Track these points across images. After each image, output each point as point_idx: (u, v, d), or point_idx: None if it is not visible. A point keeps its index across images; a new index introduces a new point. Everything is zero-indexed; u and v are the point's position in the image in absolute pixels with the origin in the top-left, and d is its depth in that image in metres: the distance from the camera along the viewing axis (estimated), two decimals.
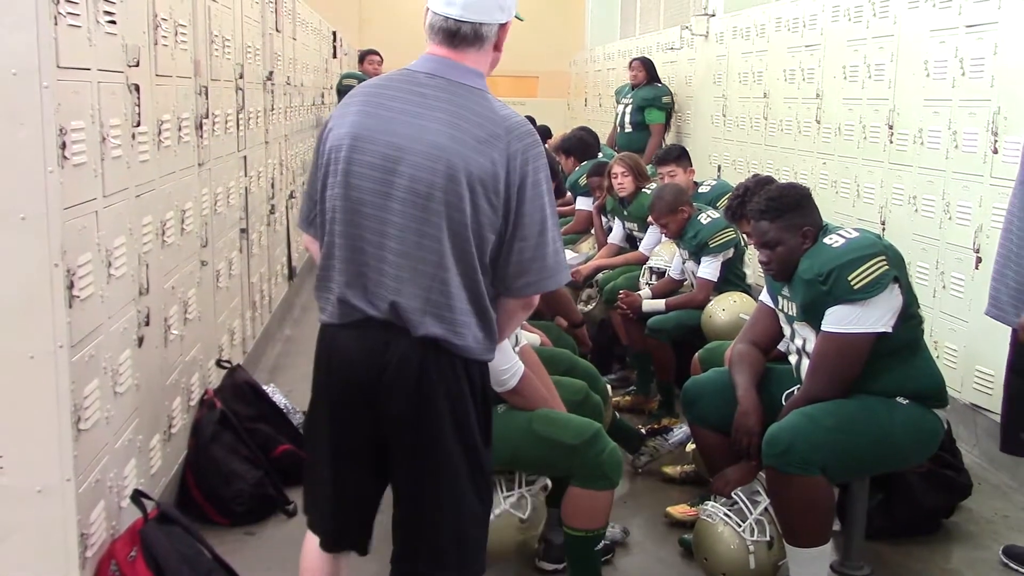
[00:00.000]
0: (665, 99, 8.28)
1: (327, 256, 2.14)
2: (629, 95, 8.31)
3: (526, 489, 3.01)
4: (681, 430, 4.03)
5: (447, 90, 2.08)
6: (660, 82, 8.42)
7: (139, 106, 2.96)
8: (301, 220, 2.28)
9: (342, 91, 8.65)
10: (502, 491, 2.99)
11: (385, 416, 2.11)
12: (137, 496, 2.78)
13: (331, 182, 2.11)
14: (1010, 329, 3.14)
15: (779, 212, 3.03)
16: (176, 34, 3.46)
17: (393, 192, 2.04)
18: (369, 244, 2.07)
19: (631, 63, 8.45)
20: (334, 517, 2.27)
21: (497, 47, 2.16)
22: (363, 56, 9.02)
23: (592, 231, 5.99)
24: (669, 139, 8.52)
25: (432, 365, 2.07)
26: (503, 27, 2.15)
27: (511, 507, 2.97)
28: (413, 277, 2.04)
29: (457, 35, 2.10)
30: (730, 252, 4.47)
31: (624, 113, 8.27)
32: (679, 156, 5.37)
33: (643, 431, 4.15)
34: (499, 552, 3.03)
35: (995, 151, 4.11)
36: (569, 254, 5.46)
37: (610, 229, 5.68)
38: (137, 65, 2.94)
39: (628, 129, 8.20)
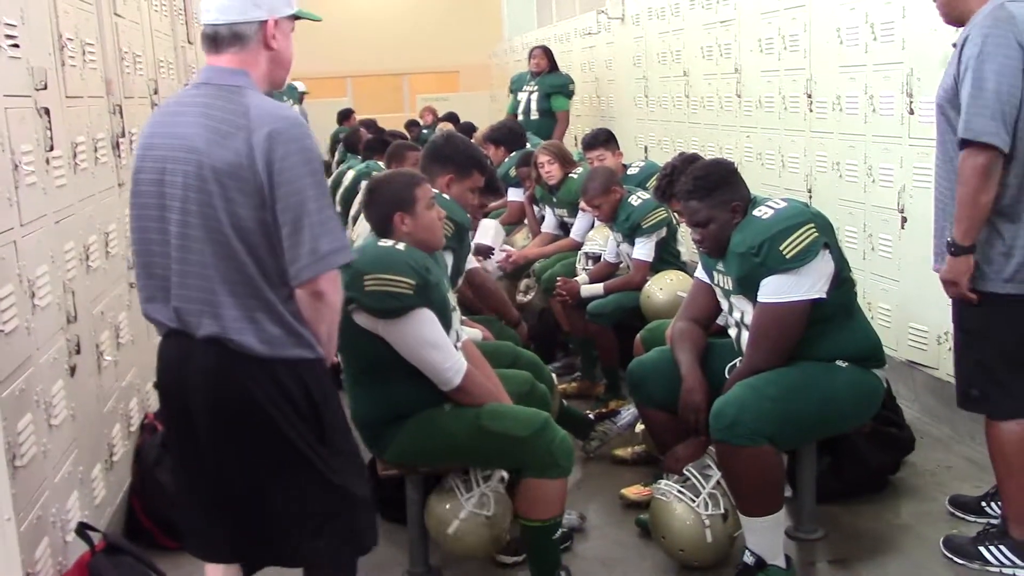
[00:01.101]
0: (571, 86, 8.36)
1: (135, 274, 2.24)
2: (533, 83, 8.34)
3: (484, 486, 3.00)
4: (628, 412, 4.05)
5: (207, 94, 2.12)
6: (559, 70, 8.48)
7: (51, 130, 2.88)
8: None
9: None
10: (461, 494, 2.98)
11: (198, 425, 2.16)
12: (82, 529, 2.70)
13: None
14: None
15: (707, 190, 3.05)
16: (84, 53, 3.37)
17: (165, 201, 2.10)
18: (155, 255, 2.14)
19: (532, 51, 8.50)
20: (194, 524, 2.31)
21: (268, 46, 2.18)
22: None
23: (526, 221, 5.99)
24: (593, 123, 8.56)
25: (227, 371, 2.10)
26: (265, 24, 2.17)
27: (474, 507, 2.96)
28: (187, 280, 2.09)
29: (216, 39, 2.16)
30: (663, 231, 4.50)
31: (529, 100, 8.30)
32: (607, 140, 5.39)
33: (591, 416, 4.17)
34: (476, 551, 3.04)
35: (911, 112, 4.19)
36: (493, 225, 5.45)
37: (543, 218, 5.69)
38: (45, 88, 2.86)
39: (535, 116, 8.22)
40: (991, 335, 2.92)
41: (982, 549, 3.03)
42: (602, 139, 5.38)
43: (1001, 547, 3.00)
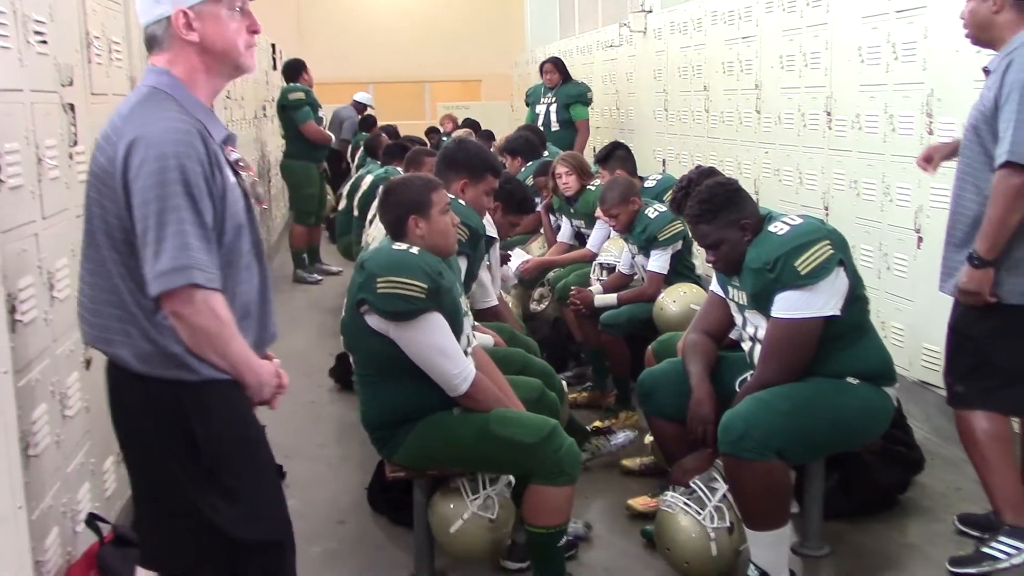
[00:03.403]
0: (588, 94, 8.34)
1: None
2: (550, 95, 8.32)
3: (490, 489, 3.01)
4: (624, 434, 4.08)
5: (130, 95, 2.07)
6: (573, 79, 8.46)
7: (75, 125, 2.92)
8: None
9: (294, 105, 8.06)
10: (467, 495, 2.99)
11: None
12: (92, 520, 2.74)
13: None
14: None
15: (713, 213, 3.06)
16: (110, 51, 3.41)
17: None
18: None
19: (543, 66, 8.46)
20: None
21: (185, 39, 2.02)
22: (301, 68, 8.57)
23: (542, 231, 6.01)
24: (613, 135, 8.57)
25: (114, 381, 2.07)
26: (172, 20, 2.01)
27: (478, 509, 2.97)
28: (82, 284, 2.06)
29: (145, 41, 2.10)
30: (679, 244, 4.51)
31: (548, 112, 8.29)
32: (604, 158, 5.34)
33: (588, 429, 4.18)
34: (474, 553, 3.04)
35: (930, 132, 4.19)
36: (521, 255, 5.48)
37: (558, 228, 5.71)
38: (71, 84, 2.90)
39: (555, 128, 8.21)
40: (993, 342, 3.04)
41: (985, 550, 3.06)
42: (600, 156, 5.37)
43: (1001, 539, 3.03)
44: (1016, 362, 3.04)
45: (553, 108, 8.25)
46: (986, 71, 3.04)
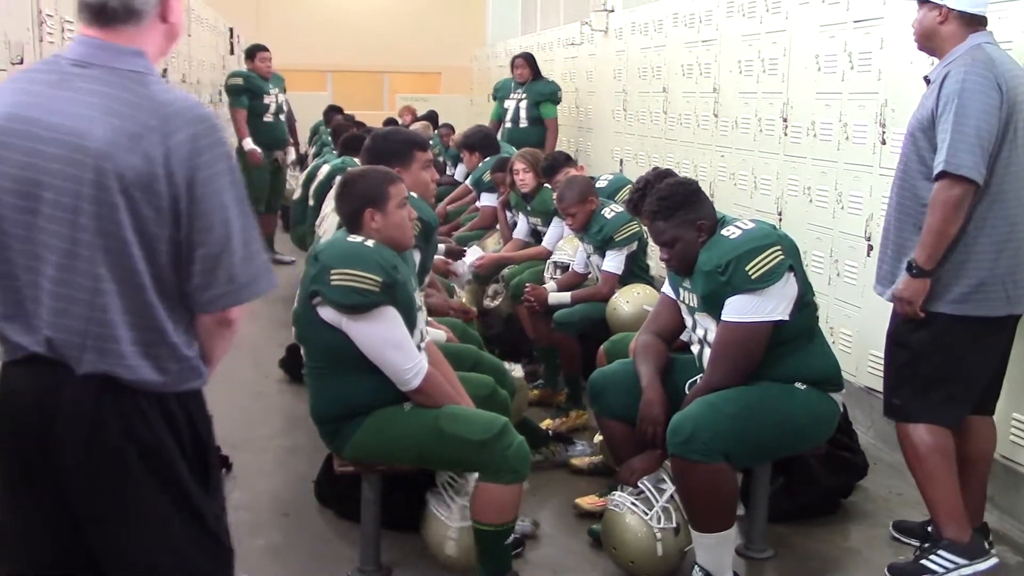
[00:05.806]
0: (559, 93, 8.33)
1: None
2: (520, 91, 8.29)
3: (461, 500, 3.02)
4: (582, 447, 4.10)
5: (98, 79, 1.74)
6: (543, 77, 8.45)
7: None
8: None
9: (230, 91, 8.21)
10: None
11: (64, 472, 1.80)
12: None
13: None
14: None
15: (671, 210, 3.08)
16: (63, 30, 3.35)
17: (39, 207, 1.73)
18: (20, 268, 1.76)
19: (514, 60, 8.41)
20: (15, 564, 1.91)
21: (164, 18, 1.82)
22: (253, 52, 8.54)
23: (498, 227, 6.01)
24: (571, 133, 8.57)
25: (110, 408, 1.77)
26: None
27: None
28: (68, 306, 1.74)
29: (105, 11, 1.77)
30: (634, 245, 4.53)
31: (518, 109, 8.26)
32: (567, 159, 5.38)
33: (550, 433, 4.18)
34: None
35: (883, 142, 4.25)
36: (477, 251, 5.47)
37: (515, 224, 5.71)
38: (21, 62, 2.84)
39: (524, 124, 8.18)
40: (928, 351, 3.05)
41: (924, 563, 3.08)
42: (562, 160, 5.40)
43: (941, 552, 3.05)
44: (950, 373, 3.06)
45: (523, 105, 8.20)
46: (927, 80, 3.09)
